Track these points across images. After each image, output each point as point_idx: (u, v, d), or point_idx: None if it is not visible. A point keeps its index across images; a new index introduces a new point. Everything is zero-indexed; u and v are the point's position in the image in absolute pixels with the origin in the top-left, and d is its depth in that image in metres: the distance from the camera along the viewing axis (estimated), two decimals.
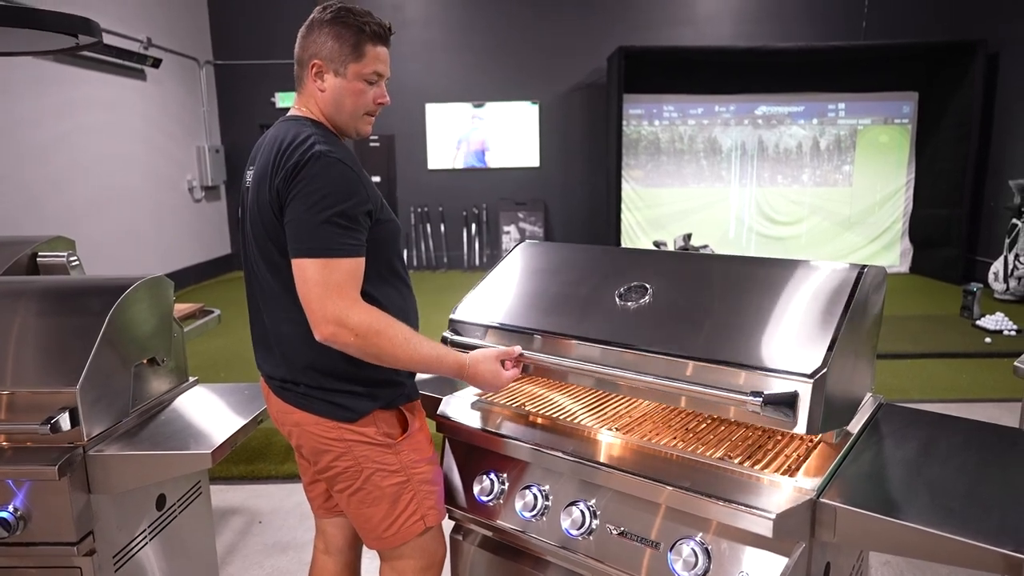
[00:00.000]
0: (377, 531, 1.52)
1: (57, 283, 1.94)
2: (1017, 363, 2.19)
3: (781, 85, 8.74)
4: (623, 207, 8.70)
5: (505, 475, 1.54)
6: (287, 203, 1.36)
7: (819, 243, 8.98)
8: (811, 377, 1.25)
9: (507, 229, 9.11)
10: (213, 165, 8.62)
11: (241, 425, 1.85)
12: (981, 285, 6.08)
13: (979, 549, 1.08)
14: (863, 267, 1.45)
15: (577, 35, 8.86)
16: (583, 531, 1.38)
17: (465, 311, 1.77)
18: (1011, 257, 6.86)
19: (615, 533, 1.36)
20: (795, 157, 9.01)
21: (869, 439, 1.48)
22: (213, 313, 2.98)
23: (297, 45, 1.47)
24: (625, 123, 8.73)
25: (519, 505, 1.48)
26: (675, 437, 1.51)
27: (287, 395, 1.49)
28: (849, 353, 1.38)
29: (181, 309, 2.82)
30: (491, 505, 1.54)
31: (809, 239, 9.03)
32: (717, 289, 1.57)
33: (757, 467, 1.34)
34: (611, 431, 1.51)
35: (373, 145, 8.99)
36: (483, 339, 1.68)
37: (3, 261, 2.35)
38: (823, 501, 1.23)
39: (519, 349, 1.58)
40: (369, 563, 1.88)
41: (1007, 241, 6.97)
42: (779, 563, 1.20)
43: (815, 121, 8.92)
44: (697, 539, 1.27)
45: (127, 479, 1.67)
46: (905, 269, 8.81)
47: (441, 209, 9.29)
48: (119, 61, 6.66)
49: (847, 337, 1.34)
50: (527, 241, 2.00)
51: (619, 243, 8.51)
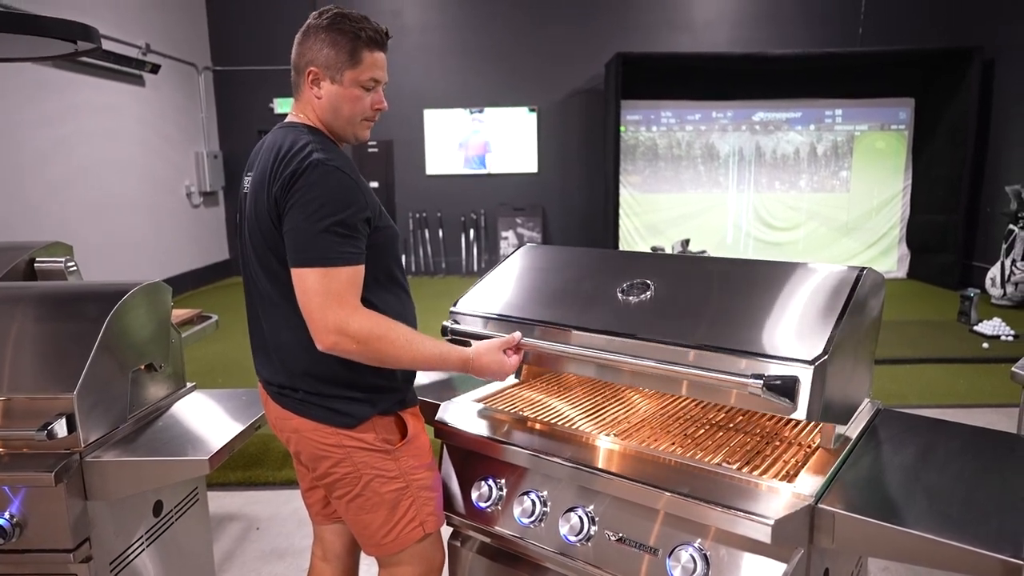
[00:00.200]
0: (376, 537, 1.51)
1: (54, 289, 1.94)
2: (1015, 368, 2.19)
3: (778, 91, 8.77)
4: (621, 213, 8.71)
5: (503, 481, 1.54)
6: (285, 212, 1.36)
7: (816, 249, 8.99)
8: (812, 363, 1.26)
9: (505, 235, 9.12)
10: (211, 171, 8.62)
11: (239, 431, 1.84)
12: (978, 290, 6.09)
13: (977, 555, 1.08)
14: (863, 268, 1.47)
15: (575, 41, 8.88)
16: (581, 537, 1.38)
17: (467, 304, 1.77)
18: (1008, 263, 6.88)
19: (613, 539, 1.36)
20: (792, 163, 9.03)
21: (867, 444, 1.48)
22: (211, 319, 2.97)
23: (294, 51, 1.46)
24: (623, 129, 8.75)
25: (517, 511, 1.47)
26: (674, 443, 1.51)
27: (285, 401, 1.49)
28: (849, 348, 1.39)
29: (179, 315, 2.81)
30: (489, 511, 1.53)
31: (807, 245, 9.04)
32: (720, 287, 1.58)
33: (756, 473, 1.35)
34: (609, 437, 1.51)
35: (372, 151, 9.00)
36: (484, 330, 1.69)
37: (0, 267, 2.35)
38: (821, 507, 1.23)
39: (519, 335, 1.59)
40: (367, 571, 1.87)
41: (1004, 247, 6.98)
42: (778, 569, 1.20)
43: (812, 127, 8.95)
44: (696, 545, 1.26)
45: (124, 485, 1.67)
46: (902, 275, 8.83)
47: (439, 215, 9.29)
48: (118, 67, 6.66)
49: (848, 331, 1.35)
50: (528, 244, 2.00)
51: (617, 248, 8.52)
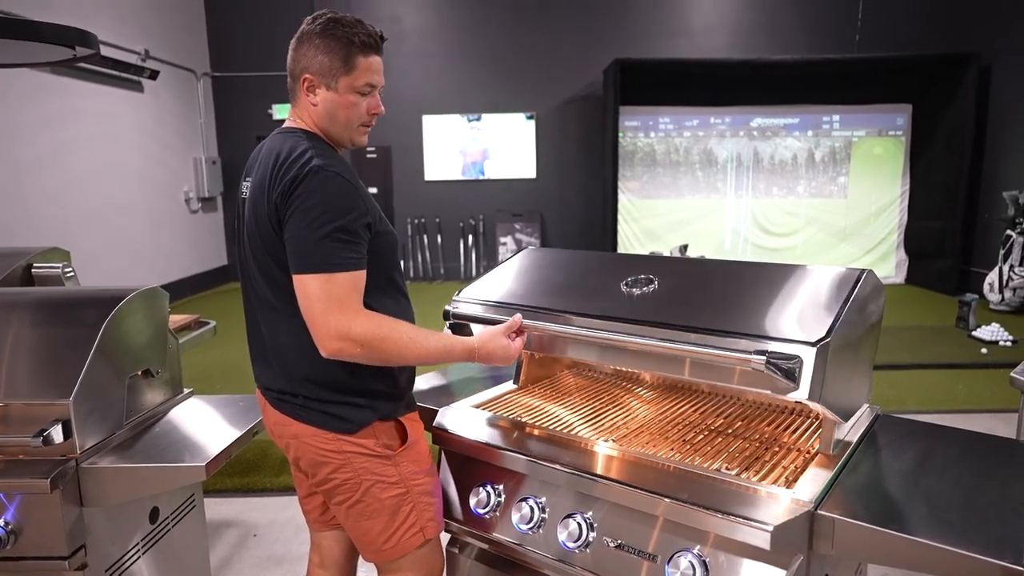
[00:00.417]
0: (376, 544, 1.50)
1: (51, 294, 1.93)
2: (1013, 374, 2.19)
3: (776, 97, 8.79)
4: (619, 218, 8.73)
5: (501, 487, 1.53)
6: (286, 219, 1.36)
7: (815, 254, 9.00)
8: (815, 344, 1.26)
9: (504, 240, 9.13)
10: (210, 176, 8.62)
11: (236, 437, 1.84)
12: (976, 296, 6.10)
13: (977, 561, 1.07)
14: (865, 269, 1.48)
15: (574, 48, 8.91)
16: (580, 544, 1.38)
17: (469, 294, 1.78)
18: (1006, 268, 6.89)
19: (612, 546, 1.35)
20: (790, 169, 9.05)
21: (866, 450, 1.48)
22: (209, 324, 2.97)
23: (289, 58, 1.46)
24: (621, 135, 8.77)
25: (515, 517, 1.47)
26: (672, 448, 1.51)
27: (285, 407, 1.48)
28: (851, 339, 1.39)
29: (176, 320, 2.81)
30: (487, 518, 1.53)
31: (805, 250, 9.05)
32: (724, 283, 1.58)
33: (755, 479, 1.34)
34: (608, 442, 1.50)
35: (370, 156, 9.01)
36: (486, 314, 1.69)
37: None
38: (821, 513, 1.22)
39: (519, 317, 1.59)
40: None
41: (1001, 252, 7.00)
42: (777, 575, 1.19)
43: (810, 133, 8.98)
44: (695, 551, 1.26)
45: (120, 492, 1.66)
46: (900, 280, 8.84)
47: (438, 220, 9.30)
48: (116, 73, 6.67)
49: (850, 321, 1.36)
50: (530, 248, 2.00)
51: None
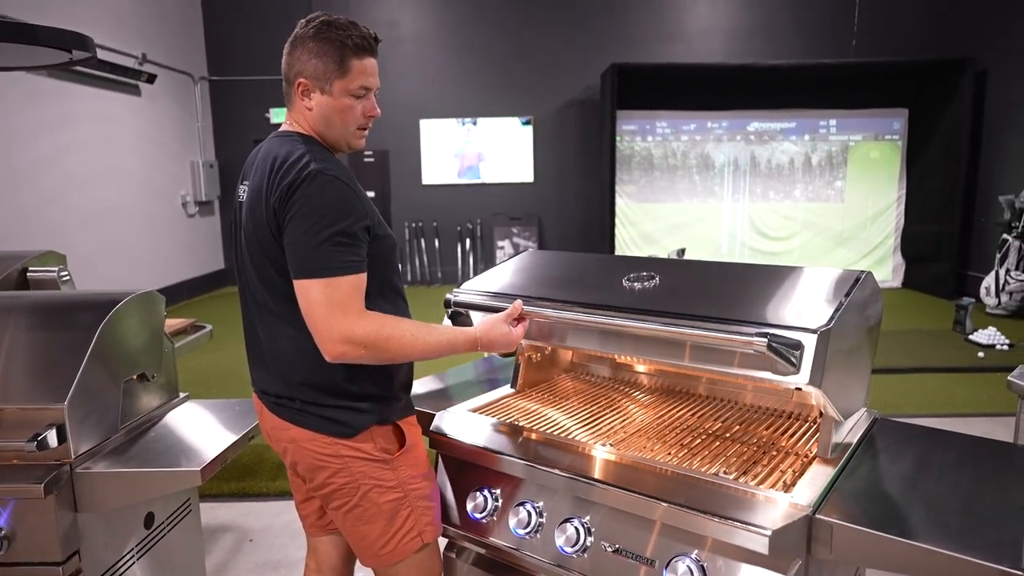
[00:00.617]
0: (374, 548, 1.49)
1: (46, 298, 1.93)
2: (1011, 378, 2.19)
3: (773, 102, 8.81)
4: (617, 222, 8.73)
5: (498, 491, 1.53)
6: (285, 224, 1.35)
7: (811, 258, 9.01)
8: (816, 331, 1.26)
9: (501, 244, 9.13)
10: (207, 180, 8.61)
11: (232, 441, 1.83)
12: (973, 300, 6.11)
13: (976, 565, 1.07)
14: (863, 270, 1.49)
15: (571, 52, 8.93)
16: (577, 548, 1.37)
17: (469, 286, 1.77)
18: (1002, 272, 6.91)
19: (610, 550, 1.35)
20: (787, 173, 9.07)
21: (864, 454, 1.48)
22: (205, 328, 2.96)
23: (283, 62, 1.45)
24: (619, 139, 8.78)
25: (513, 522, 1.46)
26: (670, 453, 1.50)
27: (282, 411, 1.47)
28: (851, 334, 1.39)
29: (172, 324, 2.80)
30: (484, 522, 1.52)
31: (802, 254, 9.06)
32: (725, 282, 1.59)
33: (753, 483, 1.34)
34: (605, 447, 1.50)
35: (368, 160, 9.01)
36: (487, 302, 1.68)
37: None
38: (819, 517, 1.22)
39: (520, 303, 1.59)
40: None
41: (998, 256, 7.01)
42: None
43: (807, 137, 9.00)
44: (692, 556, 1.25)
45: (115, 497, 1.65)
46: (897, 284, 8.85)
47: (435, 224, 9.29)
48: (113, 76, 6.66)
49: (851, 314, 1.36)
50: (529, 250, 2.00)
51: None
